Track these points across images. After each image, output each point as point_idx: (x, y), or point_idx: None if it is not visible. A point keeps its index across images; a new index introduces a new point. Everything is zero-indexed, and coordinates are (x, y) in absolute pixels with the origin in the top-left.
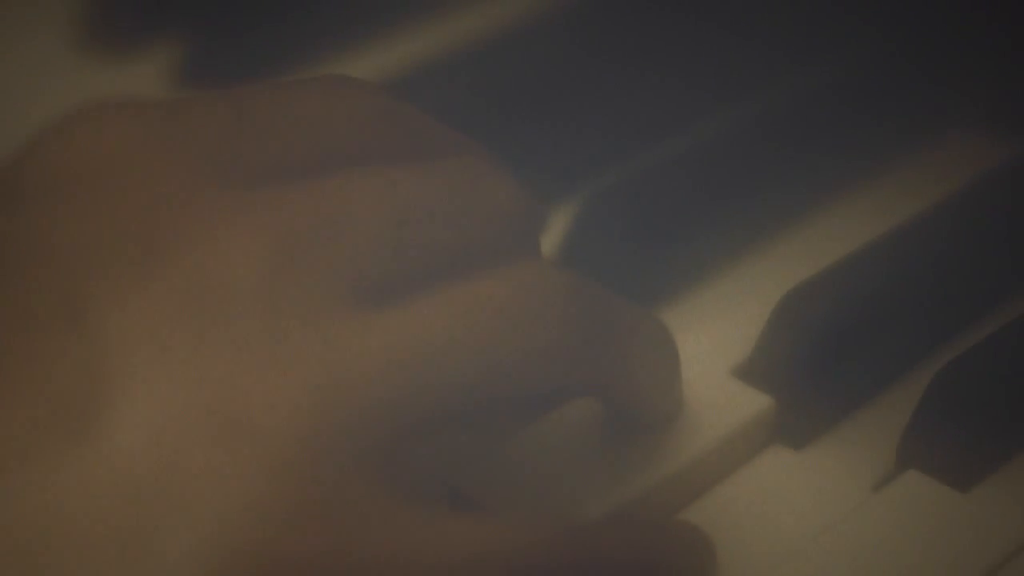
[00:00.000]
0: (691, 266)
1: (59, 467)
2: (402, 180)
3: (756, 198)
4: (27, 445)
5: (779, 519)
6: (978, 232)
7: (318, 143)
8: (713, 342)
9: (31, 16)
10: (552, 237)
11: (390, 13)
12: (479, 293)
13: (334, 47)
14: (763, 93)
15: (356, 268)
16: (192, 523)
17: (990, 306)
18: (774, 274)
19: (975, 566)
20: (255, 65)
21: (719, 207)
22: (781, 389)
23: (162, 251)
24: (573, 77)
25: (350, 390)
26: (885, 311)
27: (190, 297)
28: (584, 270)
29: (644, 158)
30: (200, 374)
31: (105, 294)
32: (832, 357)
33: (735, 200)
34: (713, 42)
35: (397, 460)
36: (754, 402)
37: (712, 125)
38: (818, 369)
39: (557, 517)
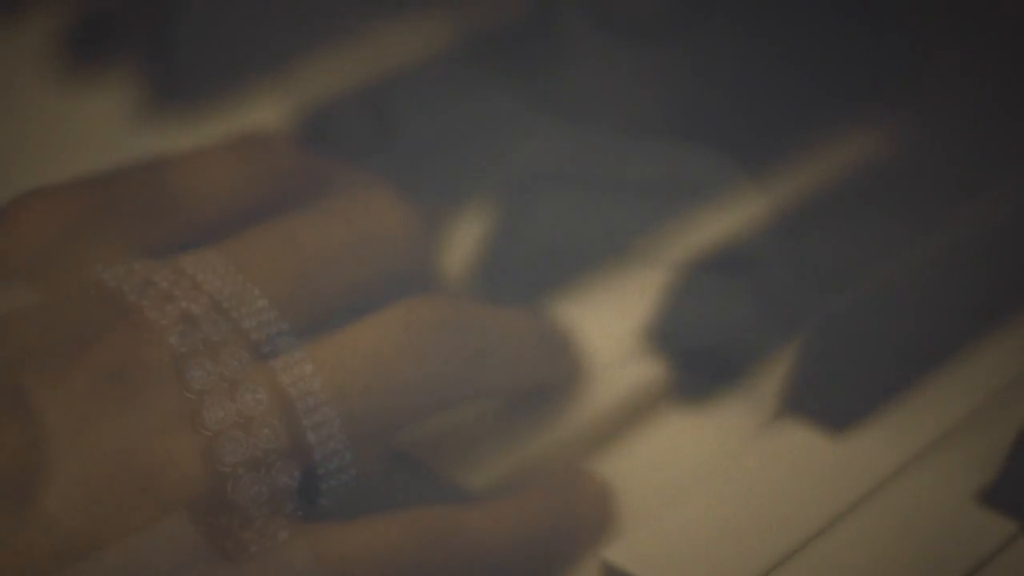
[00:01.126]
0: (599, 243)
1: (5, 533)
2: (301, 230)
3: (664, 184)
4: None
5: (670, 469)
6: (857, 211)
7: (229, 205)
8: (618, 309)
9: (4, 45)
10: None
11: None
12: (353, 342)
13: (298, 56)
14: (662, 91)
15: (257, 328)
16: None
17: (865, 272)
18: (674, 251)
19: (843, 501)
20: (221, 81)
21: (628, 193)
22: (678, 352)
23: (86, 338)
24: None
25: (245, 434)
26: (773, 279)
27: (109, 377)
28: (510, 243)
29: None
30: (119, 440)
31: (39, 383)
32: (728, 323)
33: (647, 183)
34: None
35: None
36: (652, 363)
37: (614, 123)
38: (714, 332)
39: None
